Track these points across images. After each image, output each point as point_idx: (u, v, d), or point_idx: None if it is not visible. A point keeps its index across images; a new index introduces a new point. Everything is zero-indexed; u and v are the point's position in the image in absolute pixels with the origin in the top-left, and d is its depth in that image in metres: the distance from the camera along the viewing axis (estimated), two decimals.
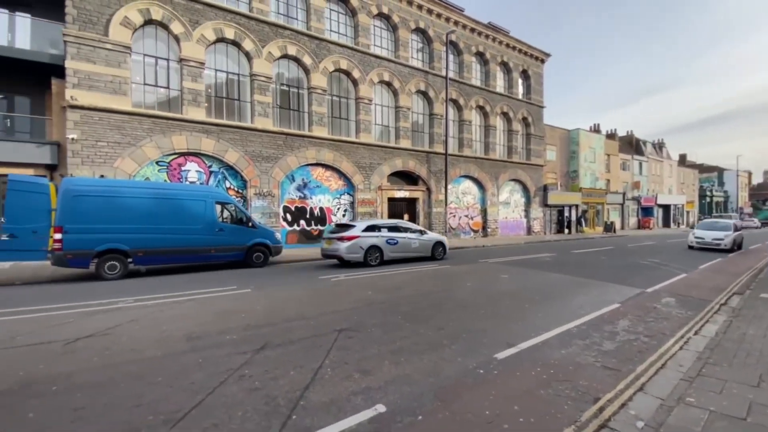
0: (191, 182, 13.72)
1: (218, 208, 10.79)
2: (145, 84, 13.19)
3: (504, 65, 25.16)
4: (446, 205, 20.31)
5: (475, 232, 23.45)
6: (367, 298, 6.91)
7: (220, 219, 10.76)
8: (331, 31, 17.39)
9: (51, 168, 11.93)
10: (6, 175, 9.19)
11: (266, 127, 15.21)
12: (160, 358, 4.04)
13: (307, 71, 16.50)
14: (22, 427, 2.74)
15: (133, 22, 12.61)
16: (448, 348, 4.38)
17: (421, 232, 12.88)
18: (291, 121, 16.37)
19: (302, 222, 16.35)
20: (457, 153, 22.15)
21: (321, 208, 16.89)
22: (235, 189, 14.79)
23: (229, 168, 14.58)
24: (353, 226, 11.61)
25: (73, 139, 11.55)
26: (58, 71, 11.85)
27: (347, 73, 17.69)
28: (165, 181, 13.16)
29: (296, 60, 16.24)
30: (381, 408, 3.07)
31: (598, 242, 21.89)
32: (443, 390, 3.39)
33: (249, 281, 8.63)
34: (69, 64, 11.57)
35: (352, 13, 17.98)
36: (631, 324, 5.45)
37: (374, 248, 11.43)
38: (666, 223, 45.48)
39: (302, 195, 16.42)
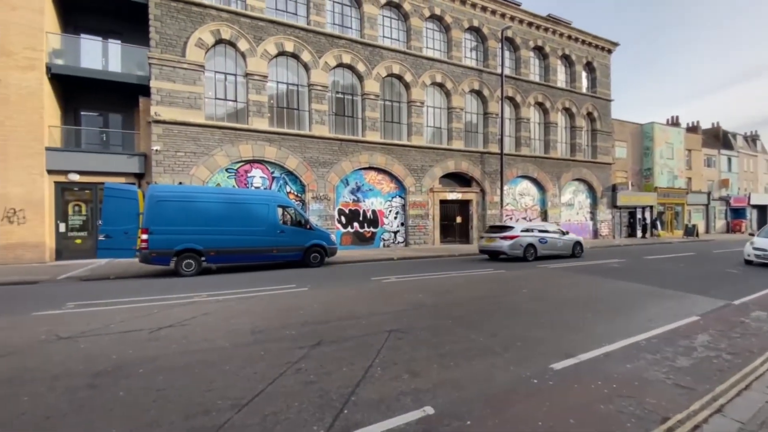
0: (256, 187, 14.76)
1: (279, 211, 11.49)
2: (216, 98, 14.48)
3: (565, 58, 23.76)
4: (502, 207, 19.64)
5: None
6: (417, 300, 6.96)
7: (281, 221, 11.45)
8: (383, 36, 17.72)
9: (139, 176, 13.55)
10: (103, 183, 10.67)
11: (323, 134, 15.89)
12: (229, 348, 4.44)
13: (360, 78, 16.97)
14: (115, 403, 3.19)
15: (206, 43, 13.91)
16: (500, 355, 4.28)
17: (562, 233, 14.66)
18: (345, 127, 16.93)
19: (356, 224, 16.82)
20: (513, 153, 21.34)
21: (373, 211, 17.23)
22: (295, 193, 15.64)
23: (290, 173, 15.46)
24: (511, 227, 13.58)
25: (156, 150, 13.02)
26: (144, 90, 13.44)
27: (399, 77, 17.89)
28: (233, 186, 14.31)
29: (350, 68, 16.78)
30: (429, 410, 3.10)
31: (676, 248, 19.76)
32: (493, 397, 3.33)
33: (306, 280, 9.09)
34: (153, 84, 13.08)
35: (405, 17, 18.16)
36: (712, 339, 4.90)
37: (531, 246, 13.31)
38: (762, 226, 39.70)
39: (356, 198, 16.90)
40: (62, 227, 12.80)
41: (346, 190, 16.73)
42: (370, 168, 17.15)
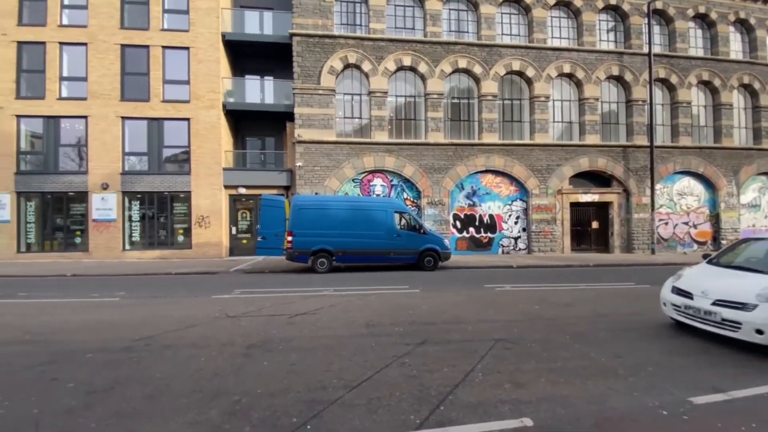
0: (377, 195, 15.97)
1: (396, 216, 12.23)
2: (344, 117, 16.24)
3: (741, 23, 18.79)
4: (653, 210, 16.66)
5: (701, 244, 18.21)
6: (532, 311, 6.57)
7: (398, 226, 12.16)
8: (502, 34, 17.09)
9: (286, 188, 16.17)
10: (260, 195, 13.16)
11: (438, 140, 16.20)
12: (346, 337, 5.06)
13: (477, 80, 16.72)
14: (261, 370, 4.02)
15: (336, 69, 15.77)
16: (623, 379, 3.80)
17: None
18: (461, 132, 16.89)
19: (471, 229, 16.54)
20: (669, 144, 17.88)
21: (491, 216, 16.66)
22: (411, 199, 16.32)
23: (407, 180, 16.22)
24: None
25: (299, 166, 15.33)
26: (290, 116, 15.97)
27: (520, 74, 16.95)
28: (358, 194, 15.79)
29: (467, 71, 16.69)
30: (528, 422, 3.02)
31: None
32: (606, 420, 3.03)
33: (419, 283, 9.47)
34: (296, 110, 15.47)
35: (526, 10, 17.17)
36: None
37: None
38: None
39: (471, 203, 16.64)
40: (233, 230, 16.19)
41: (461, 195, 16.62)
42: (487, 171, 16.66)
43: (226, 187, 15.84)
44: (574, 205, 17.30)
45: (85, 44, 15.16)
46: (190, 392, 3.45)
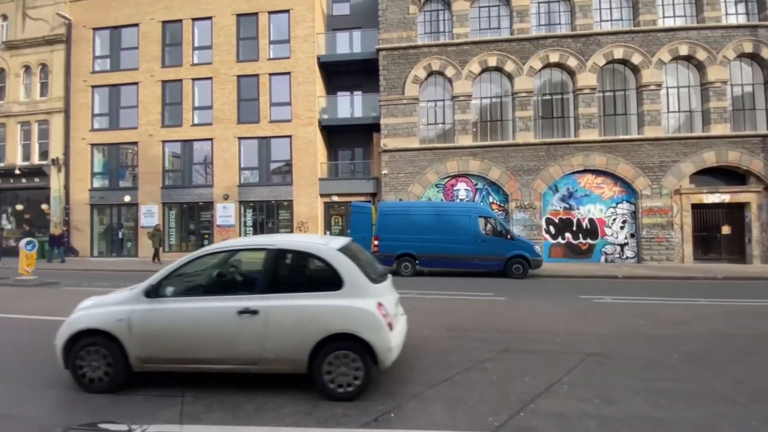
0: (461, 200, 15.86)
1: (481, 221, 12.03)
2: (427, 124, 16.54)
3: None
4: None
5: None
6: (634, 327, 5.98)
7: (483, 231, 11.95)
8: (600, 21, 15.63)
9: (373, 195, 17.06)
10: (351, 202, 14.17)
11: (527, 140, 15.45)
12: (428, 339, 5.29)
13: (571, 73, 15.54)
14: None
15: (419, 78, 16.18)
16: (741, 407, 3.34)
17: None
18: (554, 130, 15.84)
19: (567, 235, 15.31)
20: None
21: (591, 220, 15.21)
22: (498, 203, 15.82)
23: (492, 184, 15.79)
24: None
25: (384, 174, 16.07)
26: (377, 127, 16.84)
27: (624, 62, 15.26)
28: (441, 200, 15.89)
29: (559, 66, 15.64)
30: None
31: None
32: None
33: (505, 290, 9.21)
34: (382, 121, 16.27)
35: None
36: None
37: None
38: None
39: (567, 206, 15.42)
40: (328, 234, 17.64)
41: (555, 198, 15.52)
42: (586, 171, 15.28)
43: (321, 195, 17.36)
44: (698, 207, 14.85)
45: (210, 78, 18.14)
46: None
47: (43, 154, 19.13)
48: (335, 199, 17.35)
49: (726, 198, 14.67)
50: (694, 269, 13.03)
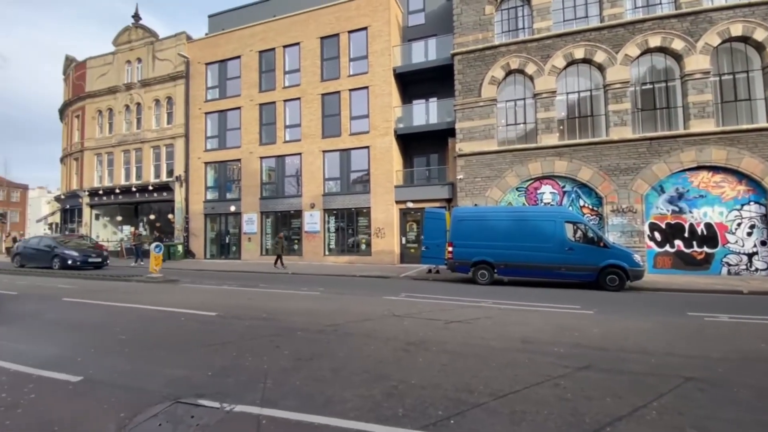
0: (546, 204, 14.83)
1: (568, 227, 11.10)
2: (506, 125, 15.87)
3: None
4: None
5: None
6: (754, 350, 4.99)
7: (570, 238, 11.01)
8: None
9: (448, 201, 16.89)
10: (424, 209, 14.22)
11: (623, 136, 13.87)
12: (499, 349, 5.11)
13: (677, 57, 13.58)
14: (415, 364, 4.54)
15: (497, 78, 15.66)
16: None
17: None
18: (657, 122, 13.96)
19: (677, 242, 13.26)
20: None
21: (708, 225, 12.98)
22: (590, 207, 14.42)
23: (583, 186, 14.47)
24: None
25: (460, 178, 15.82)
26: (452, 132, 16.70)
27: (744, 39, 12.85)
28: (523, 204, 15.05)
29: (662, 50, 13.79)
30: None
31: None
32: None
33: (595, 304, 8.37)
34: (457, 126, 16.08)
35: None
36: None
37: None
38: None
39: (676, 208, 13.39)
40: (403, 240, 17.92)
41: (661, 200, 13.58)
42: (700, 167, 13.13)
43: (396, 202, 17.76)
44: None
45: (298, 99, 19.93)
46: (361, 371, 4.28)
47: (170, 173, 22.96)
48: (410, 205, 17.59)
49: None
50: None
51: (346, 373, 4.25)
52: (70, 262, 15.69)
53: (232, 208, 21.11)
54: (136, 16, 24.75)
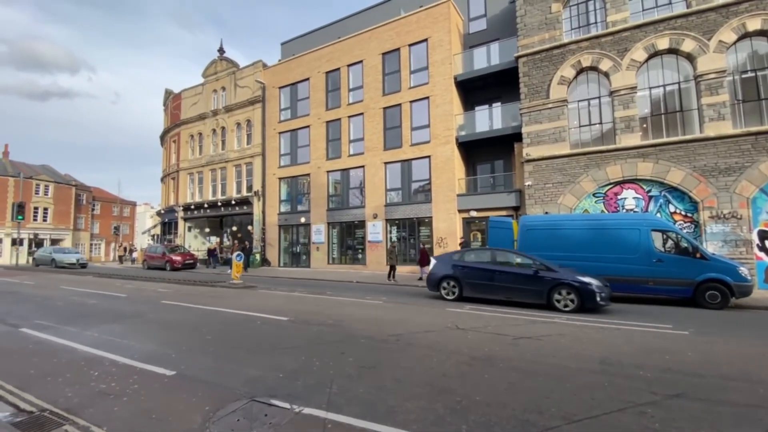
0: (628, 210, 13.47)
1: (656, 236, 9.96)
2: (580, 126, 14.80)
3: None
4: None
5: None
6: None
7: (659, 248, 9.85)
8: None
9: (515, 209, 16.12)
10: (487, 218, 13.72)
11: (721, 132, 12.14)
12: (573, 369, 4.74)
13: None
14: (483, 380, 4.39)
15: (567, 78, 14.75)
16: None
17: None
18: (764, 115, 12.01)
19: None
20: None
21: None
22: (682, 213, 12.79)
23: (673, 190, 12.90)
24: None
25: (528, 185, 15.06)
26: (518, 137, 16.01)
27: None
28: (602, 211, 13.83)
29: (763, 33, 11.91)
30: None
31: None
32: None
33: (691, 323, 7.36)
34: (524, 130, 15.39)
35: None
36: None
37: None
38: None
39: None
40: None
41: None
42: None
43: (459, 211, 17.41)
44: None
45: (362, 114, 20.68)
46: (423, 384, 4.26)
47: (249, 188, 25.14)
48: (473, 214, 17.12)
49: None
50: None
51: (408, 384, 4.26)
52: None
53: (302, 220, 22.40)
54: (221, 50, 27.82)
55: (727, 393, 3.96)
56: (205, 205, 26.90)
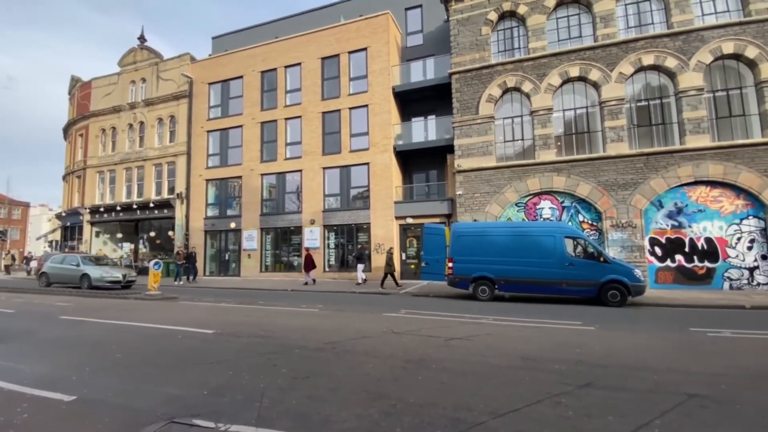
0: (545, 219, 14.86)
1: (568, 242, 11.09)
2: (504, 141, 16.06)
3: None
4: None
5: None
6: (758, 367, 4.92)
7: (570, 253, 10.98)
8: (702, 15, 13.78)
9: (447, 216, 16.93)
10: (423, 224, 14.24)
11: (620, 152, 14.01)
12: (499, 367, 5.04)
13: (671, 75, 13.85)
14: (415, 382, 4.48)
15: (494, 96, 15.93)
16: None
17: None
18: (654, 138, 14.12)
19: (678, 257, 13.22)
20: None
21: (708, 239, 12.96)
22: (589, 222, 14.44)
23: (581, 201, 14.53)
24: None
25: (459, 194, 15.91)
26: (450, 149, 16.89)
27: (736, 57, 13.13)
28: (523, 219, 15.08)
29: (655, 68, 14.08)
30: None
31: None
32: None
33: (597, 320, 8.29)
34: (456, 142, 16.27)
35: None
36: None
37: None
38: None
39: (676, 223, 13.40)
40: (403, 256, 17.86)
41: (660, 214, 13.61)
42: (697, 182, 13.21)
43: (396, 218, 17.80)
44: None
45: (300, 117, 20.25)
46: (359, 390, 4.21)
47: (171, 190, 23.11)
48: (410, 221, 17.63)
49: None
50: None
51: (344, 391, 4.18)
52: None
53: (233, 225, 21.14)
54: (142, 38, 25.41)
55: (628, 381, 4.50)
56: (118, 208, 24.11)
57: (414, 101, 19.55)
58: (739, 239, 12.71)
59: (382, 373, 4.77)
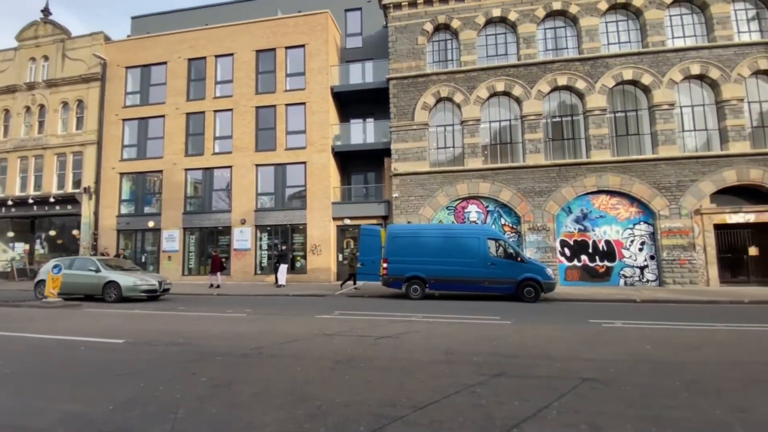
0: (472, 222, 15.85)
1: (491, 243, 11.96)
2: (437, 148, 16.83)
3: None
4: None
5: None
6: (640, 352, 5.78)
7: (492, 254, 11.85)
8: (608, 44, 15.81)
9: (384, 218, 17.27)
10: (360, 226, 14.38)
11: (537, 162, 15.46)
12: (423, 362, 5.28)
13: (581, 96, 15.63)
14: (344, 382, 4.53)
15: (429, 104, 16.62)
16: None
17: None
18: (565, 151, 15.81)
19: (583, 257, 14.96)
20: None
21: (607, 242, 14.86)
22: (510, 225, 15.70)
23: (503, 206, 15.75)
24: None
25: (395, 197, 16.31)
26: (387, 152, 17.26)
27: (634, 83, 15.27)
28: (452, 222, 15.93)
29: (568, 88, 15.79)
30: None
31: None
32: None
33: (513, 314, 9.06)
34: (393, 146, 16.67)
35: (636, 14, 15.61)
36: None
37: None
38: None
39: (582, 227, 15.15)
40: (340, 257, 17.82)
41: (569, 219, 15.30)
42: (599, 192, 15.08)
43: (334, 218, 17.72)
44: (721, 228, 14.30)
45: (231, 110, 19.19)
46: (284, 394, 4.14)
47: (76, 183, 20.46)
48: (347, 222, 17.66)
49: (751, 218, 14.07)
50: (720, 293, 12.43)
51: (268, 396, 4.09)
52: None
53: (151, 224, 19.34)
54: (46, 11, 22.18)
55: (534, 369, 5.00)
56: (10, 203, 20.73)
57: (353, 103, 19.63)
58: (632, 242, 14.77)
59: (310, 376, 4.73)
